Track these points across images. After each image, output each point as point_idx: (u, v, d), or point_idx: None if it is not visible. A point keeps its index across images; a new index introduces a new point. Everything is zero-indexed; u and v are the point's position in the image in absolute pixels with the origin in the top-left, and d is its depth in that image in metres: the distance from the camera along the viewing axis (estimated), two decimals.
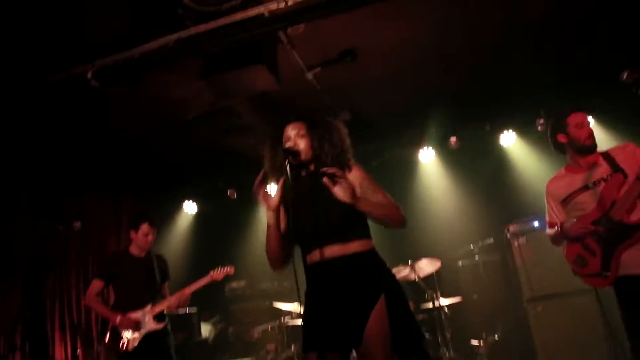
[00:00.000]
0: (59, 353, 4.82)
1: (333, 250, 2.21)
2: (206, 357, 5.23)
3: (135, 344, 3.87)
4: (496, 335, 4.51)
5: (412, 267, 4.35)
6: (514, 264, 5.08)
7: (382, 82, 5.16)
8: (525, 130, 5.56)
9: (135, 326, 3.89)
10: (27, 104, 3.81)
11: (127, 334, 3.89)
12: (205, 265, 5.69)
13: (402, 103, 5.63)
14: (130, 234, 4.17)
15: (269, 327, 5.19)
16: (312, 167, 2.39)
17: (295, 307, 4.86)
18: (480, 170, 5.76)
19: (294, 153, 2.33)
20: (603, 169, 2.72)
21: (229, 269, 4.33)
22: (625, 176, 2.62)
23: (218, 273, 4.29)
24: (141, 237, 4.09)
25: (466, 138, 5.63)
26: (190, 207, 6.38)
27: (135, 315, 3.94)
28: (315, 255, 2.23)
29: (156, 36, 3.30)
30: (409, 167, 5.96)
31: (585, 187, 2.73)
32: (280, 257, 2.33)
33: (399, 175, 5.97)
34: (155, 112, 4.70)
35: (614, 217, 2.58)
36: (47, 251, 4.89)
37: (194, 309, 5.30)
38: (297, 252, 2.34)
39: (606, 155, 2.76)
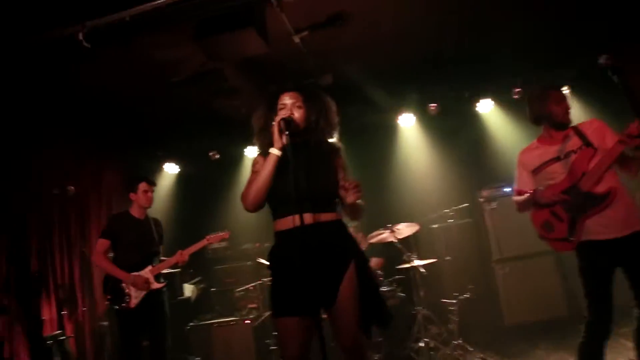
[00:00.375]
0: (45, 313, 4.87)
1: (314, 217, 2.34)
2: (189, 316, 5.38)
3: (137, 301, 4.03)
4: (467, 294, 4.80)
5: (392, 230, 4.54)
6: (485, 227, 5.39)
7: (366, 47, 5.20)
8: (502, 98, 5.73)
9: (145, 285, 4.05)
10: (12, 62, 3.70)
11: (133, 292, 4.03)
12: (188, 226, 5.81)
13: (385, 69, 5.69)
14: (130, 196, 4.27)
15: (251, 286, 5.37)
16: (306, 137, 2.48)
17: None
18: (458, 136, 5.95)
19: (291, 122, 2.40)
20: (574, 142, 2.86)
21: (224, 234, 4.44)
22: (595, 149, 2.79)
23: (214, 237, 4.40)
24: (141, 196, 4.21)
25: (446, 105, 5.76)
26: (171, 168, 6.38)
27: (144, 274, 4.09)
28: (295, 220, 2.29)
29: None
30: (389, 131, 6.09)
31: (557, 158, 2.89)
32: (263, 199, 2.41)
33: (378, 140, 6.11)
34: (143, 72, 4.64)
35: (582, 187, 2.76)
36: (29, 212, 4.88)
37: (176, 270, 5.40)
38: None
39: (576, 129, 2.90)
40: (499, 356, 4.46)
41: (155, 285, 4.11)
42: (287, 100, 2.50)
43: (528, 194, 2.97)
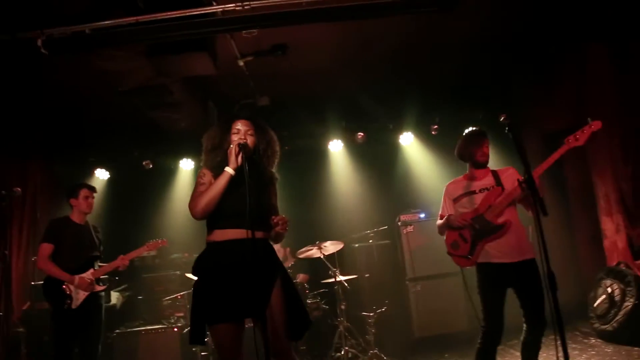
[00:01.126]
0: None
1: (253, 234, 2.54)
2: (114, 323, 5.37)
3: (79, 303, 4.08)
4: (383, 308, 5.28)
5: (319, 247, 4.93)
6: (401, 248, 5.94)
7: (301, 76, 5.65)
8: (422, 133, 6.40)
9: (90, 286, 4.11)
10: None
11: (74, 294, 4.06)
12: (117, 232, 5.80)
13: (317, 97, 6.17)
14: (71, 202, 4.31)
15: (179, 295, 5.49)
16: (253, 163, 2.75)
17: None
18: (382, 164, 6.53)
19: (246, 147, 2.71)
20: (488, 181, 3.45)
21: (163, 241, 4.59)
22: (502, 190, 3.37)
23: (153, 244, 4.53)
24: (82, 202, 4.26)
25: (372, 134, 6.32)
26: (102, 174, 6.34)
27: (87, 276, 4.14)
28: (232, 233, 2.60)
29: (112, 16, 3.41)
30: (319, 155, 6.54)
31: (473, 192, 3.47)
32: (212, 210, 2.62)
33: (309, 162, 6.53)
34: (87, 78, 4.72)
35: (487, 217, 3.34)
36: None
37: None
38: None
39: (494, 172, 3.50)
40: None
41: (98, 288, 4.21)
42: (240, 126, 2.80)
43: (445, 218, 3.55)
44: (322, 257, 4.97)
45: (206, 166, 2.81)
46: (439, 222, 3.64)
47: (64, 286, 4.08)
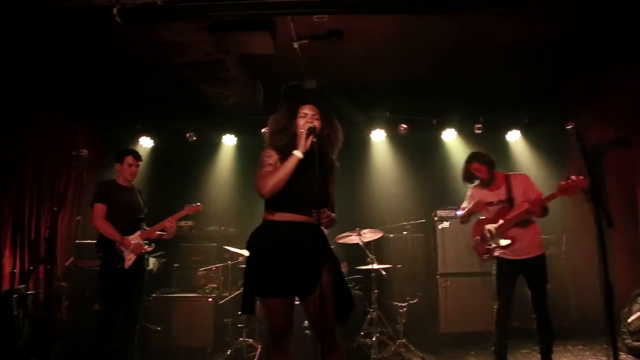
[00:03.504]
0: (7, 268, 4.89)
1: (308, 218, 2.74)
2: (151, 287, 5.54)
3: (130, 263, 4.23)
4: (415, 299, 5.36)
5: (358, 234, 5.01)
6: (435, 243, 5.99)
7: (356, 62, 5.66)
8: (464, 131, 6.39)
9: (140, 248, 4.28)
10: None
11: (126, 254, 4.22)
12: (157, 200, 5.91)
13: (365, 85, 6.19)
14: (116, 167, 4.43)
15: (214, 267, 5.64)
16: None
17: (244, 252, 5.32)
18: (422, 158, 6.55)
19: (315, 131, 2.77)
20: (501, 193, 4.12)
21: (198, 206, 4.73)
22: (512, 206, 4.05)
23: (190, 208, 4.68)
24: (126, 168, 4.38)
25: (415, 127, 6.33)
26: (146, 142, 6.49)
27: (136, 238, 4.30)
28: (292, 216, 2.74)
29: None
30: (361, 143, 6.58)
31: (491, 203, 4.17)
32: (279, 191, 2.71)
33: (351, 150, 6.53)
34: (141, 47, 4.79)
35: (498, 229, 4.12)
36: (4, 168, 4.88)
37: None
38: None
39: (507, 179, 4.13)
40: (435, 357, 5.05)
41: (147, 249, 4.38)
42: (307, 111, 2.88)
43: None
44: (361, 243, 5.05)
45: (272, 147, 2.87)
46: (460, 212, 4.43)
47: (116, 247, 4.23)
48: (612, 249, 6.04)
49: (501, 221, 4.09)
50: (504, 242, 4.07)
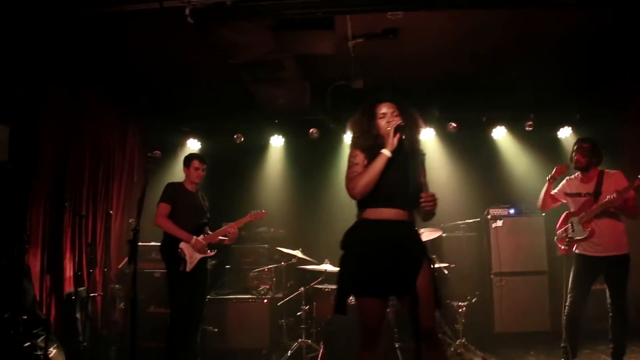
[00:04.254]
0: (68, 271, 4.92)
1: (401, 214, 2.70)
2: None
3: (192, 266, 4.31)
4: (474, 299, 5.29)
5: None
6: (488, 242, 5.91)
7: (406, 61, 5.60)
8: (515, 128, 6.31)
9: (204, 249, 4.36)
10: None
11: (188, 257, 4.27)
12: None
13: (415, 83, 6.12)
14: (184, 171, 4.60)
15: (266, 268, 5.63)
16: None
17: (296, 253, 5.30)
18: (473, 156, 6.46)
19: (403, 128, 2.74)
20: (590, 187, 4.09)
21: (263, 213, 4.85)
22: (596, 200, 4.00)
23: (255, 214, 4.79)
24: (193, 172, 4.53)
25: (465, 125, 6.26)
26: (193, 144, 6.51)
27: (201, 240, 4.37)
28: (386, 213, 2.70)
29: None
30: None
31: (578, 194, 4.17)
32: (370, 191, 2.70)
33: None
34: (205, 49, 4.79)
35: (579, 221, 4.11)
36: (66, 167, 4.91)
37: None
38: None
39: (601, 174, 4.09)
40: (495, 358, 4.98)
41: (209, 253, 4.47)
42: (385, 109, 2.86)
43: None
44: None
45: (356, 148, 2.87)
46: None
47: (180, 249, 4.26)
48: None
49: (583, 213, 4.06)
50: (582, 233, 4.04)
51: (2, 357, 3.75)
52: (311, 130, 6.37)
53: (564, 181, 4.35)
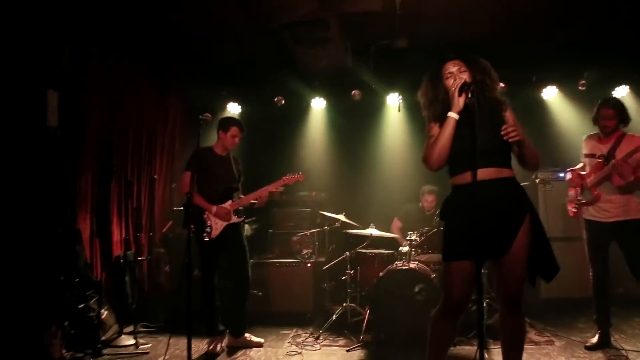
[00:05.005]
0: (116, 235, 5.01)
1: (492, 172, 2.53)
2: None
3: (218, 232, 4.26)
4: None
5: None
6: (537, 206, 5.72)
7: (452, 18, 5.33)
8: (567, 87, 6.01)
9: (227, 216, 4.27)
10: None
11: (214, 224, 4.23)
12: (248, 167, 5.91)
13: (462, 42, 5.84)
14: (219, 134, 4.42)
15: (309, 232, 5.62)
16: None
17: (340, 217, 5.24)
18: (521, 117, 6.16)
19: (469, 85, 2.53)
20: (606, 148, 3.90)
21: (299, 176, 4.55)
22: (607, 163, 3.84)
23: (290, 178, 4.52)
24: (229, 138, 4.38)
25: (512, 85, 5.95)
26: (233, 108, 6.44)
27: (226, 206, 4.28)
28: (474, 175, 2.47)
29: None
30: None
31: (593, 155, 4.00)
32: (445, 159, 2.59)
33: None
34: (244, 11, 4.66)
35: (588, 184, 3.99)
36: (112, 133, 4.93)
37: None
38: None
39: (620, 137, 3.86)
40: (543, 324, 4.89)
41: (235, 219, 4.34)
42: (452, 68, 2.69)
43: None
44: None
45: (430, 120, 2.74)
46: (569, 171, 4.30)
47: (205, 216, 4.23)
48: None
49: (592, 176, 3.93)
50: (589, 199, 3.95)
51: (59, 318, 3.88)
52: (353, 92, 6.20)
53: (584, 141, 4.17)
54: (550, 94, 6.05)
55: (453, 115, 2.57)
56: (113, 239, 4.97)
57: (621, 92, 5.97)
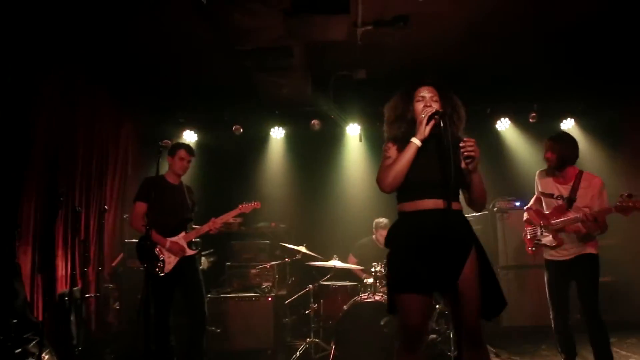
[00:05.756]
0: (60, 270, 4.62)
1: (443, 204, 2.42)
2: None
3: (171, 267, 3.98)
4: None
5: None
6: (495, 235, 5.81)
7: (412, 50, 5.44)
8: (518, 119, 6.24)
9: (180, 251, 4.01)
10: None
11: (167, 257, 3.97)
12: (203, 197, 5.68)
13: (420, 73, 5.96)
14: (168, 161, 4.20)
15: (268, 265, 5.40)
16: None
17: (301, 248, 5.10)
18: (481, 149, 6.32)
19: (442, 115, 2.51)
20: (565, 189, 3.73)
21: (256, 204, 4.40)
22: (569, 207, 3.68)
23: (246, 206, 4.36)
24: (177, 162, 4.15)
25: (469, 116, 6.11)
26: (190, 136, 6.22)
27: (178, 240, 4.01)
28: (424, 204, 2.49)
29: None
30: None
31: (551, 195, 3.82)
32: (400, 183, 2.52)
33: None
34: (206, 36, 4.54)
35: (551, 227, 3.78)
36: (59, 158, 4.60)
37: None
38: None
39: (578, 178, 3.71)
40: (507, 353, 4.88)
41: (189, 252, 4.08)
42: (425, 93, 2.65)
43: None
44: None
45: (389, 139, 2.68)
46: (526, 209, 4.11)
47: (157, 249, 3.97)
48: None
49: (554, 220, 3.73)
50: (550, 242, 3.78)
51: None
52: (313, 121, 6.16)
53: (537, 177, 3.97)
54: (504, 126, 6.24)
55: (416, 142, 2.52)
56: (57, 274, 4.57)
57: (567, 124, 6.27)
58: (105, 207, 5.10)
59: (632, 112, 6.06)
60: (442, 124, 2.48)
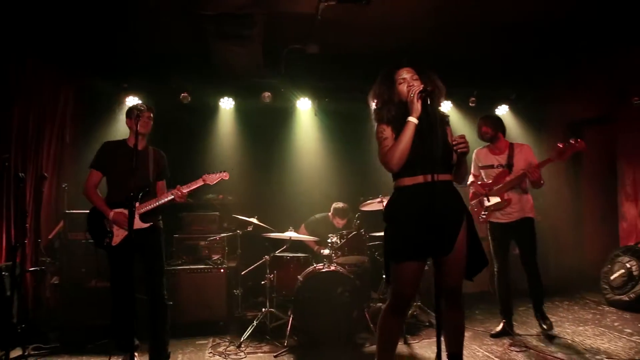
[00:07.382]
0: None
1: (439, 177, 2.57)
2: None
3: (119, 240, 3.72)
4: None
5: (382, 201, 5.00)
6: None
7: (367, 29, 5.52)
8: (459, 103, 6.61)
9: (125, 223, 3.64)
10: None
11: (115, 230, 3.72)
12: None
13: (370, 53, 6.07)
14: (126, 123, 3.87)
15: (217, 237, 5.31)
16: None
17: (253, 220, 5.09)
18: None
19: (428, 92, 2.67)
20: (502, 158, 4.39)
21: (224, 174, 4.13)
22: (510, 171, 4.31)
23: (211, 177, 4.05)
24: (136, 120, 3.57)
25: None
26: (133, 103, 5.86)
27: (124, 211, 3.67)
28: (420, 178, 2.66)
29: None
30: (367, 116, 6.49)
31: (491, 166, 4.47)
32: (405, 161, 2.65)
33: (349, 120, 6.42)
34: None
35: (496, 192, 4.39)
36: None
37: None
38: None
39: (511, 147, 4.41)
40: None
41: (140, 225, 3.72)
42: (405, 74, 2.82)
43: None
44: (382, 209, 5.05)
45: (382, 122, 2.79)
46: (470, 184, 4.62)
47: (104, 221, 3.73)
48: (589, 214, 6.69)
49: (500, 184, 4.36)
50: (495, 200, 4.36)
51: None
52: (264, 93, 6.08)
53: (474, 155, 4.62)
54: (446, 108, 6.60)
55: (413, 120, 2.66)
56: None
57: (502, 110, 6.77)
58: (45, 174, 4.73)
59: (550, 99, 6.68)
60: (428, 101, 2.65)
